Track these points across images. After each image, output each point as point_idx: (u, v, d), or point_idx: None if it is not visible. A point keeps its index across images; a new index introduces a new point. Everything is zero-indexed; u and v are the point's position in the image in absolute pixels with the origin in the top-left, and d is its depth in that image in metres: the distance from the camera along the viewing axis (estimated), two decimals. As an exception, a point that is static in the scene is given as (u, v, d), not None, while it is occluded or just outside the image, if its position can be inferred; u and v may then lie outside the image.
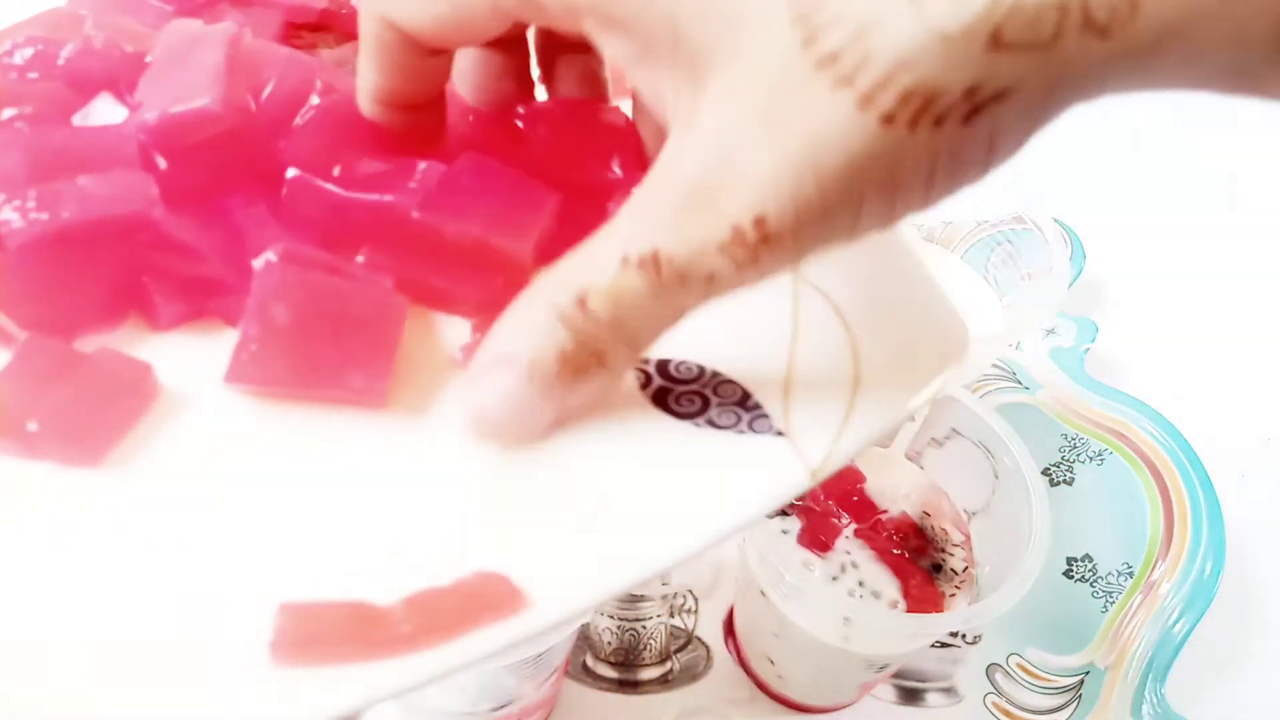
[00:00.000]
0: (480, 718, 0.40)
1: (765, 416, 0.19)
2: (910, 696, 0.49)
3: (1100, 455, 0.56)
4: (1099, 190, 0.73)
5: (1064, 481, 0.56)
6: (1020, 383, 0.59)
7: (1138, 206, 0.72)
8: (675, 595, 0.51)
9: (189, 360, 0.20)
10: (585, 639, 0.49)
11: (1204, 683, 0.50)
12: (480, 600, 0.16)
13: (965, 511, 0.45)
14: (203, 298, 0.21)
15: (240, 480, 0.19)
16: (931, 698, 0.49)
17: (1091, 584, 0.52)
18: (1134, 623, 0.50)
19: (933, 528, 0.44)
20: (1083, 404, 0.57)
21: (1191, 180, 0.75)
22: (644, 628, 0.50)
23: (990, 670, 0.49)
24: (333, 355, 0.19)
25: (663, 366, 0.19)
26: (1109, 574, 0.52)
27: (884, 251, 0.21)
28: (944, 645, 0.50)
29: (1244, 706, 0.50)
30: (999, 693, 0.49)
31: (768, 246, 0.17)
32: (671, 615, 0.51)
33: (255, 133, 0.21)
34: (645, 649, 0.50)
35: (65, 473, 0.18)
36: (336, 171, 0.21)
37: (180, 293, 0.21)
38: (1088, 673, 0.49)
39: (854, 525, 0.43)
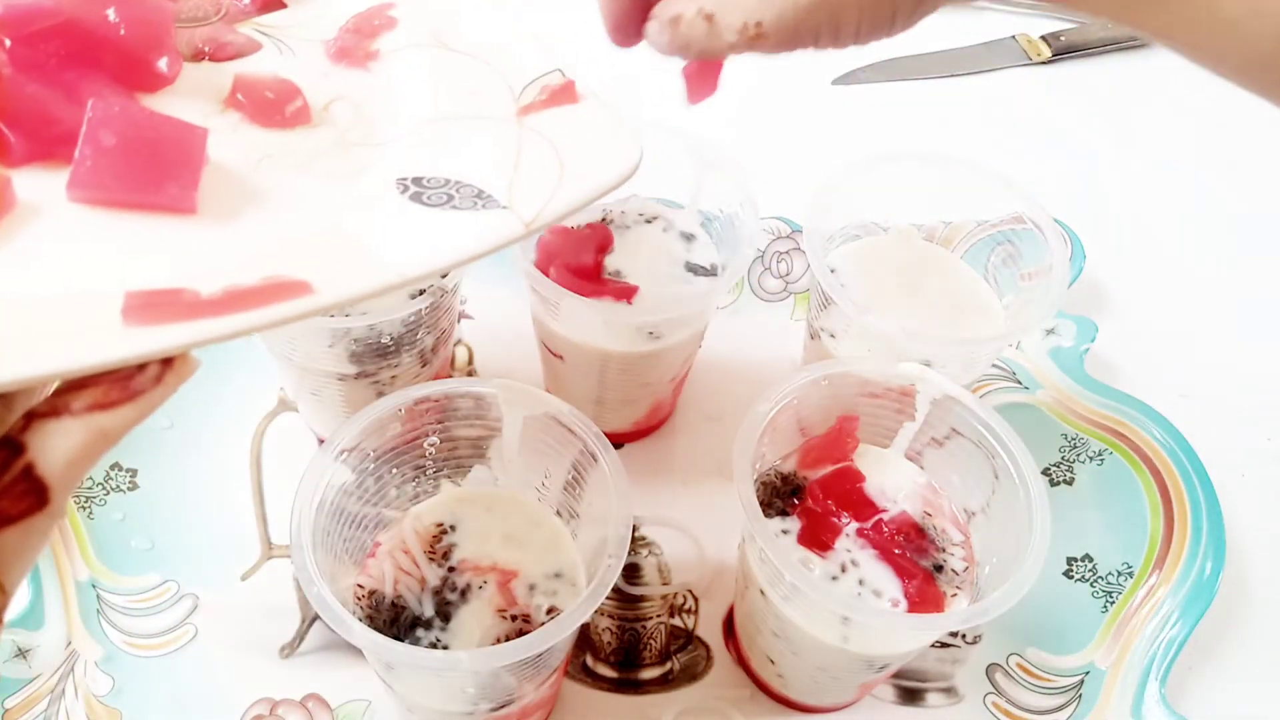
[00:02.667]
0: (480, 718, 0.40)
1: (494, 200, 0.27)
2: (910, 696, 0.49)
3: (1100, 455, 0.56)
4: (1099, 190, 0.73)
5: (1064, 481, 0.56)
6: (1020, 383, 0.59)
7: (1138, 206, 0.72)
8: (675, 595, 0.51)
9: (39, 185, 0.27)
10: (585, 639, 0.49)
11: (1204, 683, 0.50)
12: (278, 290, 0.23)
13: (965, 511, 0.45)
14: (50, 143, 0.27)
15: (88, 235, 0.26)
16: (931, 698, 0.49)
17: (1091, 584, 0.52)
18: (1134, 623, 0.50)
19: (934, 527, 0.44)
20: (1083, 404, 0.57)
21: (1191, 180, 0.75)
22: (644, 628, 0.50)
23: (990, 670, 0.49)
24: (151, 170, 0.26)
25: (418, 179, 0.28)
26: (1109, 574, 0.52)
27: (584, 102, 0.31)
28: (944, 645, 0.50)
29: (1244, 706, 0.50)
30: (999, 693, 0.49)
31: (760, 39, 0.30)
32: (671, 615, 0.51)
33: (89, 24, 0.29)
34: (645, 649, 0.50)
35: None
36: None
37: (29, 135, 0.27)
38: (1088, 673, 0.49)
39: (855, 525, 0.43)
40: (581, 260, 0.51)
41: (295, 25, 0.36)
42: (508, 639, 0.38)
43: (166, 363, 0.22)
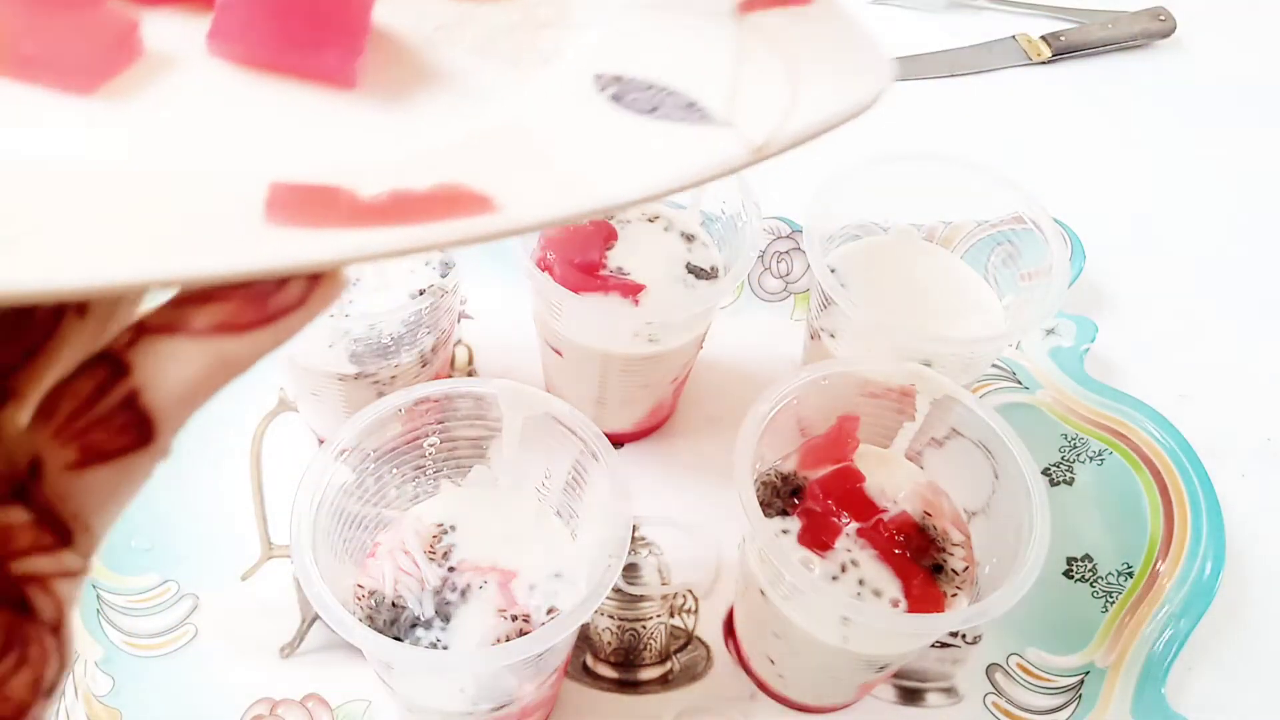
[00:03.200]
0: (480, 718, 0.40)
1: (709, 115, 0.22)
2: (910, 696, 0.49)
3: (1100, 455, 0.56)
4: (1099, 190, 0.73)
5: (1064, 481, 0.56)
6: (1020, 383, 0.59)
7: (1138, 206, 0.72)
8: (675, 595, 0.51)
9: (175, 32, 0.22)
10: (585, 639, 0.49)
11: (1204, 683, 0.50)
12: (453, 202, 0.18)
13: (965, 511, 0.45)
14: None
15: (227, 102, 0.21)
16: (931, 698, 0.49)
17: (1091, 584, 0.52)
18: (1134, 623, 0.50)
19: (934, 527, 0.44)
20: (1083, 404, 0.57)
21: (1191, 180, 0.75)
22: (644, 628, 0.50)
23: (990, 670, 0.49)
24: (308, 26, 0.22)
25: (618, 78, 0.23)
26: (1109, 574, 0.52)
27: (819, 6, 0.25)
28: (944, 645, 0.50)
29: (1244, 706, 0.50)
30: (999, 693, 0.49)
31: None
32: (671, 615, 0.51)
33: None
34: (645, 649, 0.50)
35: (61, 98, 0.20)
36: None
37: None
38: (1088, 673, 0.49)
39: (855, 525, 0.43)
40: (585, 257, 0.51)
41: None
42: (508, 639, 0.38)
43: (313, 280, 0.17)
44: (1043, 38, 0.82)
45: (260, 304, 0.16)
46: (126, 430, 0.16)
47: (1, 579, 0.16)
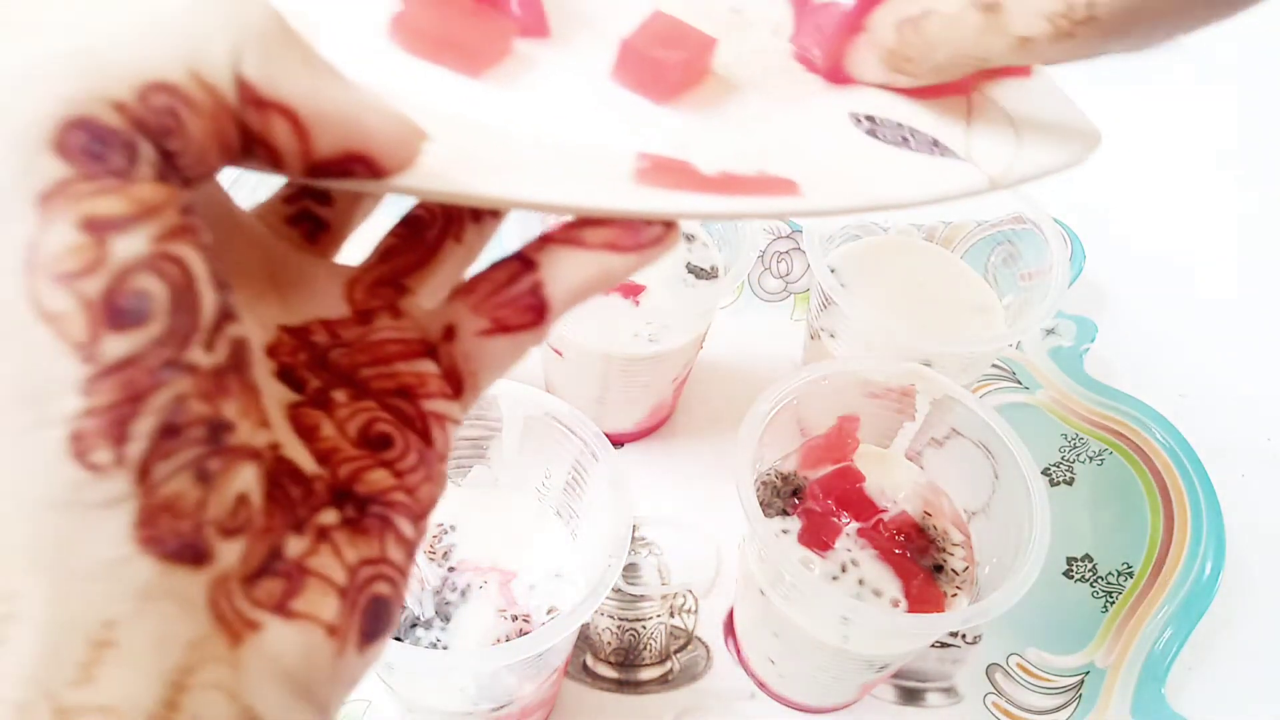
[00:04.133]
0: (480, 718, 0.40)
1: (952, 152, 0.26)
2: (910, 696, 0.49)
3: (1100, 455, 0.56)
4: (1099, 190, 0.73)
5: (1064, 481, 0.56)
6: (1020, 383, 0.59)
7: (1138, 206, 0.72)
8: (675, 595, 0.51)
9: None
10: (585, 639, 0.49)
11: (1204, 683, 0.50)
12: (769, 184, 0.23)
13: (965, 511, 0.45)
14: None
15: (596, 95, 0.27)
16: (931, 698, 0.49)
17: (1091, 584, 0.52)
18: (1134, 623, 0.50)
19: (934, 527, 0.44)
20: (1083, 404, 0.57)
21: (1192, 180, 0.75)
22: (644, 628, 0.50)
23: (990, 670, 0.49)
24: (676, 54, 0.27)
25: (870, 117, 0.27)
26: (1109, 574, 0.52)
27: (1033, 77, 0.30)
28: (944, 645, 0.50)
29: (1244, 706, 0.50)
30: (999, 693, 0.49)
31: (1086, 26, 0.22)
32: (671, 615, 0.51)
33: None
34: (645, 649, 0.50)
35: (456, 78, 0.26)
36: None
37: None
38: (1088, 673, 0.49)
39: (855, 525, 0.43)
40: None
41: None
42: (508, 639, 0.39)
43: (668, 225, 0.22)
44: (1043, 38, 0.82)
45: (635, 233, 0.21)
46: (528, 311, 0.21)
47: (418, 415, 0.21)
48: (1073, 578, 0.52)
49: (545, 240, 0.21)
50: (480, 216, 0.23)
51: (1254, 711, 0.50)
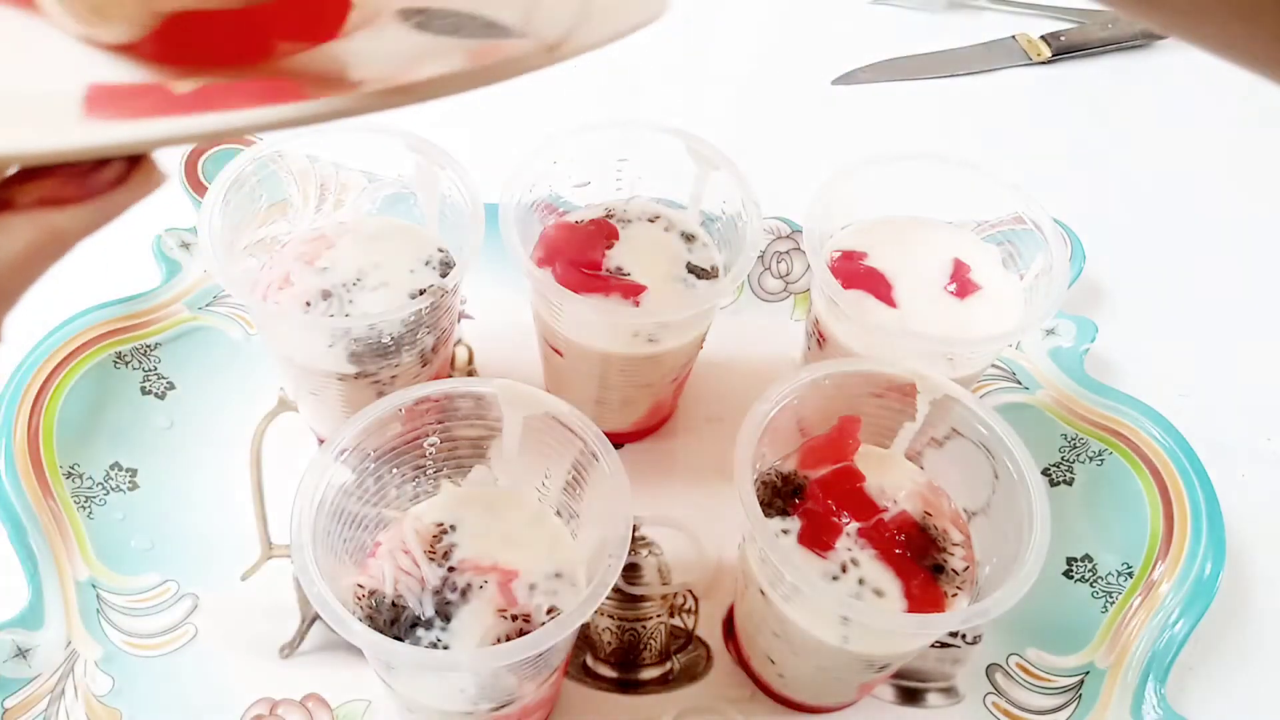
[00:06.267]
0: (480, 718, 0.40)
1: (508, 31, 0.25)
2: (910, 696, 0.49)
3: (1100, 455, 0.56)
4: (1099, 190, 0.73)
5: (1064, 481, 0.56)
6: (1020, 383, 0.59)
7: (1138, 206, 0.72)
8: (675, 595, 0.51)
9: None
10: (585, 639, 0.49)
11: (1204, 683, 0.50)
12: (266, 92, 0.21)
13: (965, 511, 0.45)
14: None
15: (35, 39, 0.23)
16: (931, 698, 0.49)
17: (1091, 584, 0.52)
18: (1134, 623, 0.50)
19: (934, 527, 0.44)
20: (1082, 404, 0.57)
21: (1191, 180, 0.75)
22: (644, 628, 0.50)
23: (990, 670, 0.49)
24: None
25: (422, 10, 0.26)
26: (1109, 574, 0.52)
27: None
28: (944, 645, 0.50)
29: (1244, 706, 0.50)
30: (999, 693, 0.49)
31: None
32: (671, 615, 0.51)
33: None
34: (645, 649, 0.50)
35: None
36: None
37: None
38: (1088, 673, 0.49)
39: (855, 525, 0.43)
40: (586, 257, 0.51)
41: None
42: (508, 639, 0.38)
43: (133, 163, 0.20)
44: (1042, 38, 0.82)
45: (79, 181, 0.19)
46: None
47: None
48: (1073, 578, 0.52)
49: None
50: None
51: (1254, 711, 0.50)
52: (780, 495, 0.44)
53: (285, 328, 0.47)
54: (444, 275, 0.50)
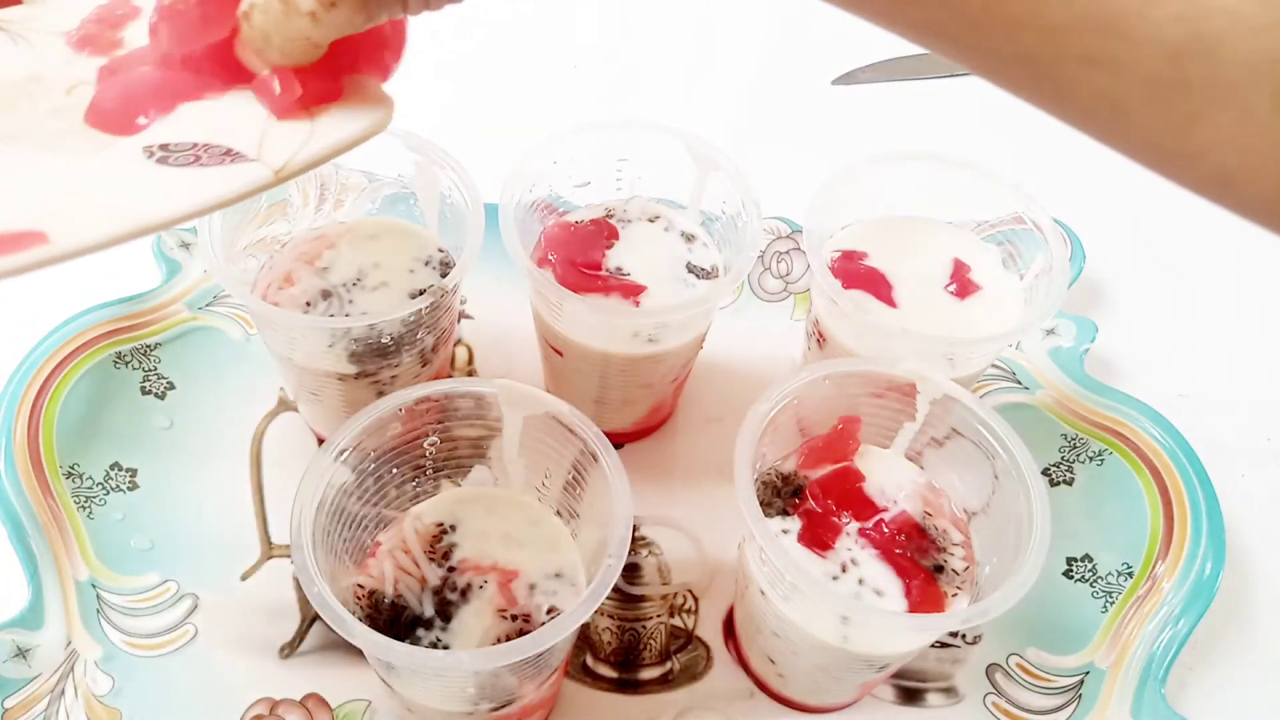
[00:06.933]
0: (480, 718, 0.40)
1: (243, 156, 0.29)
2: (910, 696, 0.49)
3: (1100, 455, 0.56)
4: (1099, 190, 0.73)
5: (1064, 481, 0.56)
6: (1020, 383, 0.59)
7: (1138, 206, 0.72)
8: (675, 595, 0.51)
9: None
10: (585, 639, 0.49)
11: (1204, 683, 0.50)
12: (9, 241, 0.24)
13: (965, 511, 0.45)
14: None
15: None
16: (931, 698, 0.49)
17: (1091, 584, 0.52)
18: (1134, 623, 0.50)
19: (934, 527, 0.44)
20: (1082, 404, 0.57)
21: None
22: (644, 628, 0.50)
23: (990, 670, 0.49)
24: None
25: (164, 145, 0.29)
26: (1109, 574, 0.52)
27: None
28: (944, 645, 0.50)
29: (1244, 706, 0.50)
30: (999, 693, 0.49)
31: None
32: (671, 615, 0.51)
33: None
34: (645, 649, 0.50)
35: None
36: None
37: None
38: (1088, 673, 0.49)
39: (855, 525, 0.43)
40: (586, 257, 0.51)
41: (32, 19, 0.36)
42: (508, 639, 0.39)
43: None
44: (1043, 38, 0.82)
45: None
46: None
47: None
48: (1073, 578, 0.52)
49: None
50: None
51: (1254, 711, 0.50)
52: (780, 495, 0.44)
53: (285, 328, 0.47)
54: (444, 275, 0.50)
